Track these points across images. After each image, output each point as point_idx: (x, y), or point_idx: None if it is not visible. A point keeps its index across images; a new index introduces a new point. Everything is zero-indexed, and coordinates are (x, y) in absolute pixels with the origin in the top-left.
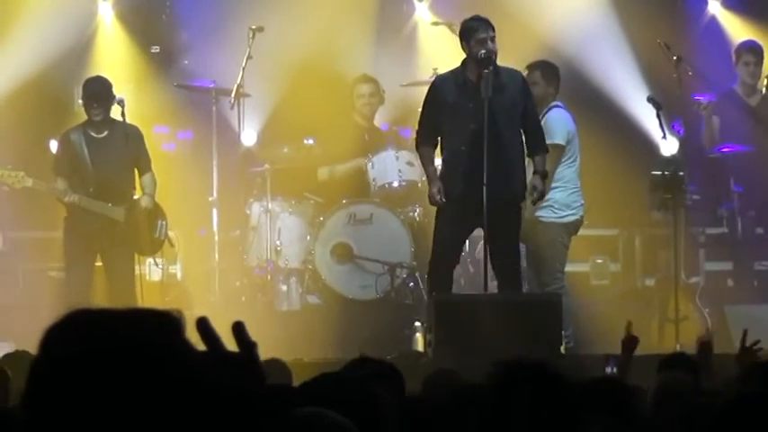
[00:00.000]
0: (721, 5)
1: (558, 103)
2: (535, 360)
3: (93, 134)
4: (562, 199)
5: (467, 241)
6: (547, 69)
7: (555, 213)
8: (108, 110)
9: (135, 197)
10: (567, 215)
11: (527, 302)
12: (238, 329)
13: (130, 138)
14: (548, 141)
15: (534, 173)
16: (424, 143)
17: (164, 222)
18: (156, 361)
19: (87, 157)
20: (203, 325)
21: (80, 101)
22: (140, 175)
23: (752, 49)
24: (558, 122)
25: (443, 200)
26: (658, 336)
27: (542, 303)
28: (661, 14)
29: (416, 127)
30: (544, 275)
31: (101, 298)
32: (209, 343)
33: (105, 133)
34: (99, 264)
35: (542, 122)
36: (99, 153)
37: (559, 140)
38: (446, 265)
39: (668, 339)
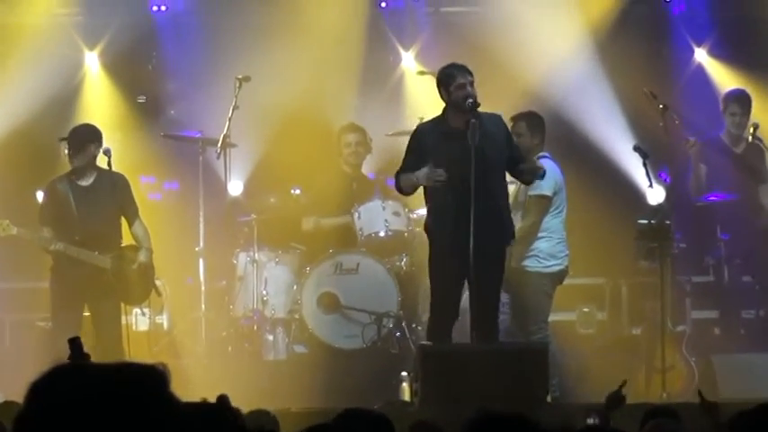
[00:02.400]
0: (708, 54)
1: (546, 154)
2: (514, 411)
3: (78, 183)
4: (548, 249)
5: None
6: (532, 120)
7: (540, 263)
8: (82, 155)
9: (122, 245)
10: (553, 265)
11: (513, 352)
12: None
13: (117, 186)
14: (535, 192)
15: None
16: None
17: (151, 272)
18: (141, 415)
19: (73, 205)
20: None
21: (66, 150)
22: (130, 225)
23: (739, 98)
24: (546, 173)
25: (437, 174)
26: (645, 385)
27: (528, 352)
28: (647, 63)
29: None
30: (528, 325)
31: (87, 347)
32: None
33: (91, 182)
34: (86, 313)
35: None
36: (85, 201)
37: (547, 192)
38: (447, 325)
39: (655, 389)
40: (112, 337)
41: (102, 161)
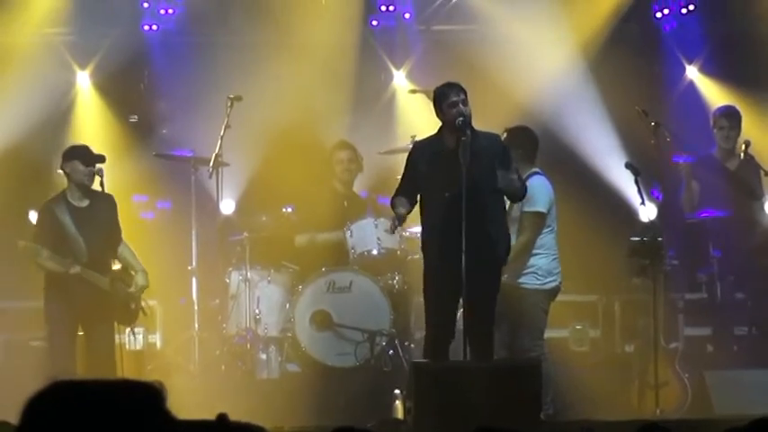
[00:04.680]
0: (699, 71)
1: (537, 170)
2: (508, 429)
3: (75, 204)
4: (545, 265)
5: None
6: (513, 133)
7: (538, 280)
8: (66, 174)
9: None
10: (549, 281)
11: (507, 369)
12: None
13: (111, 207)
14: (530, 209)
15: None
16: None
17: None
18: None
19: (73, 227)
20: None
21: (59, 170)
22: (115, 247)
23: (726, 113)
24: (539, 190)
25: (398, 223)
26: (638, 401)
27: (522, 370)
28: (639, 80)
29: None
30: (525, 342)
31: (81, 367)
32: None
33: (87, 203)
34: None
35: None
36: (84, 223)
37: (541, 209)
38: (443, 344)
39: (648, 405)
40: (107, 357)
41: (94, 181)
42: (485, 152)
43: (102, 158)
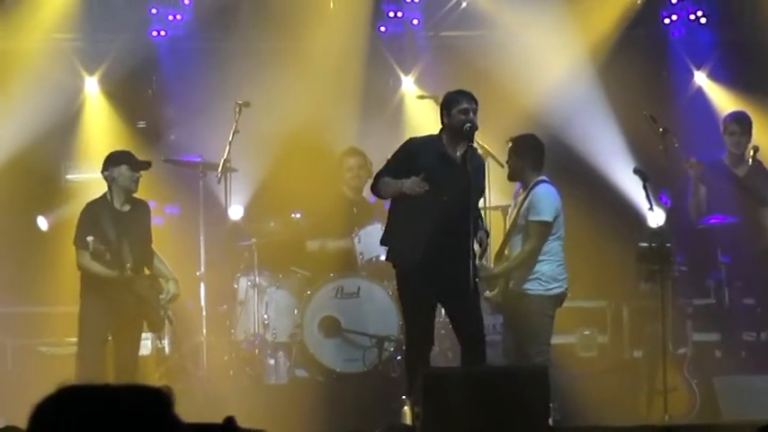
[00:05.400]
0: (707, 77)
1: (544, 178)
2: None
3: (117, 208)
4: (549, 272)
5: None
6: (518, 141)
7: (542, 286)
8: (110, 178)
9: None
10: (554, 287)
11: (514, 374)
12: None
13: (147, 214)
14: (536, 218)
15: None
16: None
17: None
18: None
19: (115, 232)
20: None
21: (67, 176)
22: (151, 253)
23: (737, 119)
24: (545, 198)
25: (424, 184)
26: (646, 407)
27: (529, 375)
28: (647, 86)
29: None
30: (530, 348)
31: (107, 372)
32: None
33: (128, 208)
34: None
35: (529, 197)
36: (126, 228)
37: (547, 217)
38: (424, 353)
39: (657, 411)
40: (131, 362)
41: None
42: (478, 167)
43: (148, 164)
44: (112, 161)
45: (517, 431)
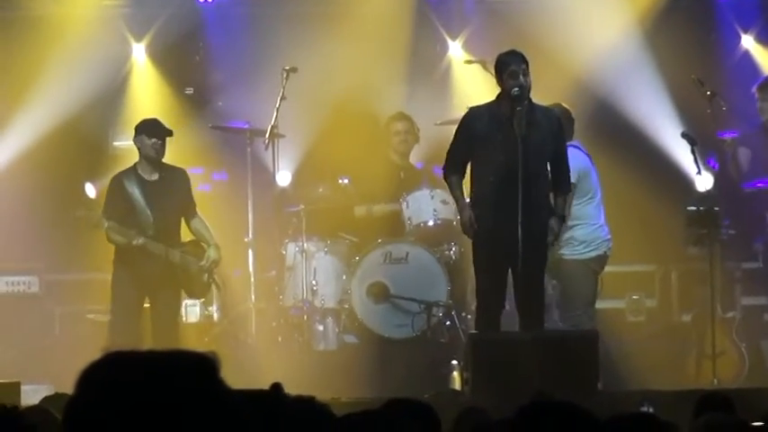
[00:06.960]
0: (755, 40)
1: (575, 143)
2: (565, 399)
3: (145, 177)
4: (582, 236)
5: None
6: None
7: (576, 250)
8: (137, 148)
9: (186, 240)
10: (588, 251)
11: (564, 339)
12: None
13: (181, 181)
14: None
15: (553, 215)
16: (452, 172)
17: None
18: (193, 401)
19: (142, 200)
20: None
21: (115, 143)
22: (189, 220)
23: (759, 86)
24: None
25: (476, 227)
26: (695, 371)
27: (579, 340)
28: (695, 49)
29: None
30: (570, 311)
31: (147, 338)
32: None
33: (157, 176)
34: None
35: None
36: (153, 197)
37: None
38: (495, 315)
39: (705, 375)
40: (170, 330)
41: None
42: (540, 126)
43: (166, 132)
44: (136, 131)
45: (566, 396)
